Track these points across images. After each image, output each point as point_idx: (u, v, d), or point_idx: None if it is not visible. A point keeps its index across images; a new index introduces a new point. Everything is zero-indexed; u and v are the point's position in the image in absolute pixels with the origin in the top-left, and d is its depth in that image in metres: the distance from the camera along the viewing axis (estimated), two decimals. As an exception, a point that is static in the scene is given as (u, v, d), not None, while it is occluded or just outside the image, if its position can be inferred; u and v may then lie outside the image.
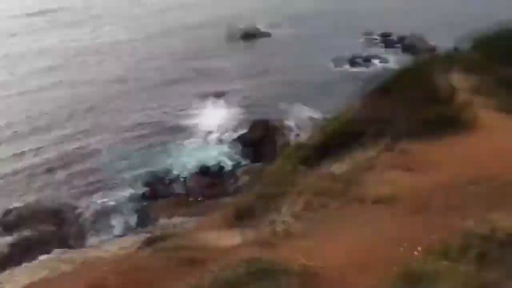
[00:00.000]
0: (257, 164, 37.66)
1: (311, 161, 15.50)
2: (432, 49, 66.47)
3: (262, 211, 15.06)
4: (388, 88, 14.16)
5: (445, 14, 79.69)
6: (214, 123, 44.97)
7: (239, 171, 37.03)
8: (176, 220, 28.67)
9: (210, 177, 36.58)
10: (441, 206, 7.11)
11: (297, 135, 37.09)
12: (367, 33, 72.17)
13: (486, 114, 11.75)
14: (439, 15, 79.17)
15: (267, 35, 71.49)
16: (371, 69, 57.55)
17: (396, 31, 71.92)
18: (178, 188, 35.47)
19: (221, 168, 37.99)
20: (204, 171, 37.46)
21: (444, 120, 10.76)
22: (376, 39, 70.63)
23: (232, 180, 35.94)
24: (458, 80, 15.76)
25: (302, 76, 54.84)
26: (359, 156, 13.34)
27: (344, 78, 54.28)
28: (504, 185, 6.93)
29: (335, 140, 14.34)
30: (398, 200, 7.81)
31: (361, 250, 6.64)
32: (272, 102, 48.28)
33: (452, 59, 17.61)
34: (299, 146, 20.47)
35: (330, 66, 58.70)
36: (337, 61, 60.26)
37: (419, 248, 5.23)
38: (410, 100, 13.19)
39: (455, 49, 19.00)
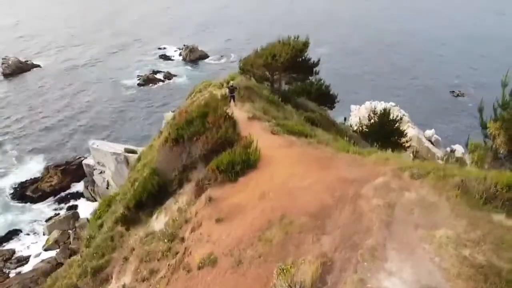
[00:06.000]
0: (66, 213, 34.61)
1: (129, 219, 15.59)
2: (205, 56, 72.90)
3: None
4: (182, 135, 15.40)
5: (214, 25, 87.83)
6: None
7: (42, 229, 33.27)
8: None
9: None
10: (251, 257, 8.68)
11: (101, 172, 35.46)
12: (146, 51, 73.40)
13: (265, 143, 14.22)
14: (209, 26, 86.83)
15: (37, 66, 63.88)
16: (159, 86, 59.21)
17: (170, 44, 75.63)
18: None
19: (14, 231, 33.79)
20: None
21: (236, 163, 12.62)
22: (155, 53, 72.60)
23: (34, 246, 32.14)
24: (239, 111, 18.36)
25: (93, 107, 52.41)
26: (173, 206, 14.24)
27: (135, 100, 54.20)
28: (290, 226, 8.96)
29: (147, 194, 14.85)
30: (218, 260, 9.06)
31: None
32: (66, 142, 44.79)
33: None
34: (110, 202, 20.04)
35: (120, 90, 57.48)
36: (124, 84, 59.51)
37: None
38: (204, 143, 14.77)
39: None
